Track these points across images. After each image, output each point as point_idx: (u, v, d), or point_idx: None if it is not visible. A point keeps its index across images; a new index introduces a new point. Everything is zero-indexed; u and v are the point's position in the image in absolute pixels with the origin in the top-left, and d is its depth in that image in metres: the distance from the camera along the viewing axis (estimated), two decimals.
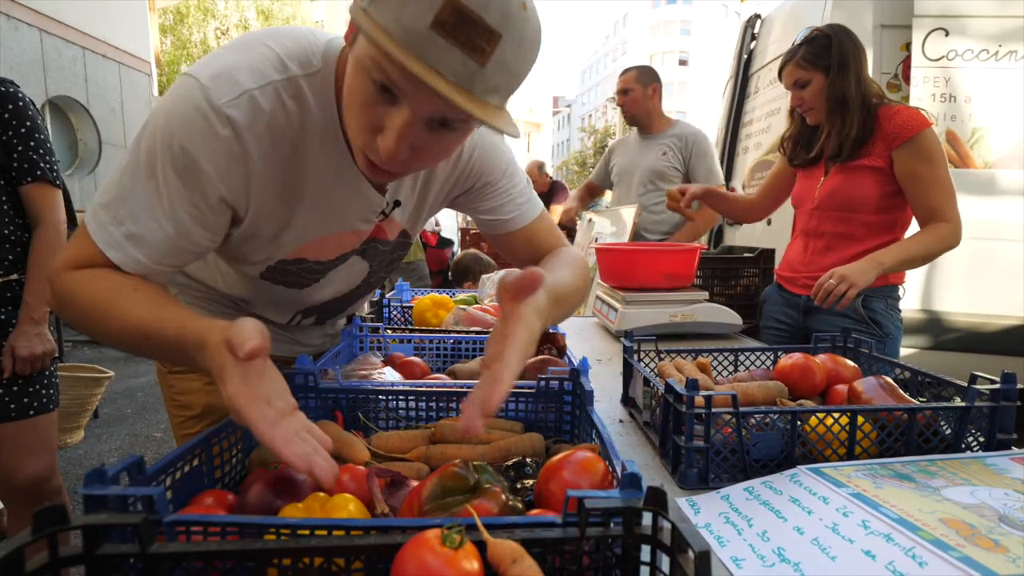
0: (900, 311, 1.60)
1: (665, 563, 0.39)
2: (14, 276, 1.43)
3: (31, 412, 1.45)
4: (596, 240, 2.38)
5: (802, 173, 1.70)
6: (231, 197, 0.68)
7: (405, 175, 0.73)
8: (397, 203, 0.86)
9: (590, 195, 2.93)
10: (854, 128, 1.49)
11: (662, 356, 1.11)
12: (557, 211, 4.21)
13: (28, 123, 1.43)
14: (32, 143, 1.43)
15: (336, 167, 0.74)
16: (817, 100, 1.54)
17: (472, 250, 3.00)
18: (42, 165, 1.45)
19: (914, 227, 1.56)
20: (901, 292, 1.60)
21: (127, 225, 0.65)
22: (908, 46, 2.56)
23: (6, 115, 1.40)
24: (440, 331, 1.30)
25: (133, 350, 0.67)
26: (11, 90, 1.43)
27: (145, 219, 0.65)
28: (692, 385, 0.71)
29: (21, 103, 1.43)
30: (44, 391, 1.48)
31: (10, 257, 1.43)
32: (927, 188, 1.45)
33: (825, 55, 1.51)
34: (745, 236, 3.19)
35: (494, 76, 0.56)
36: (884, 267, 1.41)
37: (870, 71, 2.58)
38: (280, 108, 0.67)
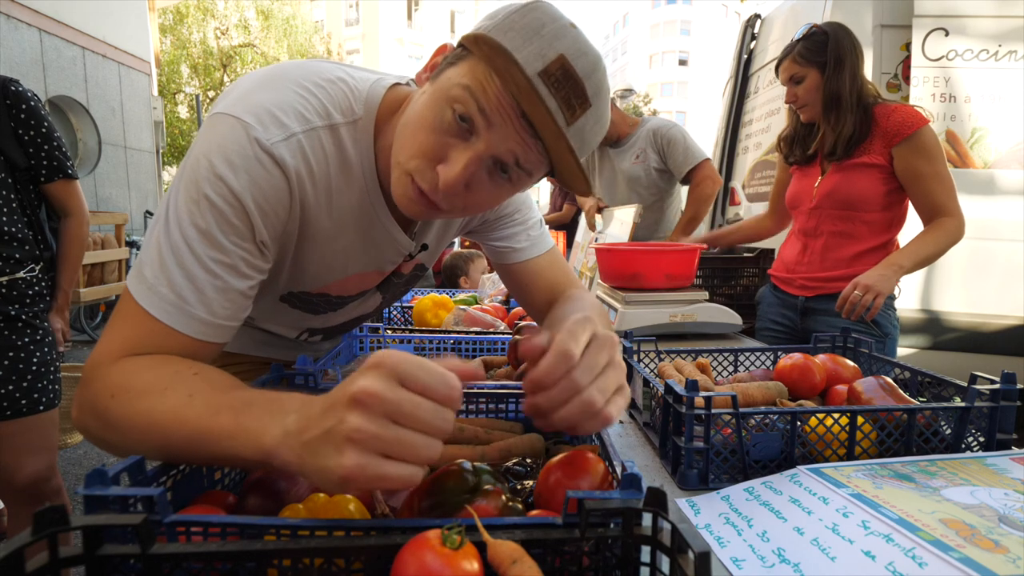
0: (896, 311, 1.60)
1: (665, 564, 0.39)
2: (20, 274, 1.44)
3: (40, 408, 1.46)
4: (596, 240, 2.38)
5: (799, 173, 1.70)
6: (270, 240, 0.65)
7: (440, 216, 0.70)
8: (424, 247, 0.87)
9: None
10: (848, 126, 1.49)
11: (662, 356, 1.11)
12: (571, 210, 4.21)
13: (45, 122, 1.48)
14: (54, 142, 1.50)
15: (369, 213, 0.74)
16: (811, 96, 1.54)
17: (453, 250, 2.98)
18: (67, 163, 1.54)
19: (908, 226, 1.57)
20: (897, 292, 1.60)
21: (179, 282, 0.58)
22: (908, 46, 2.56)
23: (22, 116, 1.44)
24: (440, 331, 1.30)
25: (196, 449, 0.50)
26: (20, 89, 1.46)
27: (198, 272, 0.59)
28: (692, 386, 0.71)
29: (33, 102, 1.48)
30: (51, 387, 1.50)
31: (16, 255, 1.44)
32: (929, 184, 1.46)
33: (821, 51, 1.51)
34: None
35: (572, 135, 0.60)
36: (904, 270, 1.42)
37: (870, 71, 2.59)
38: (321, 153, 0.66)
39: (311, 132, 0.64)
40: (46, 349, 1.49)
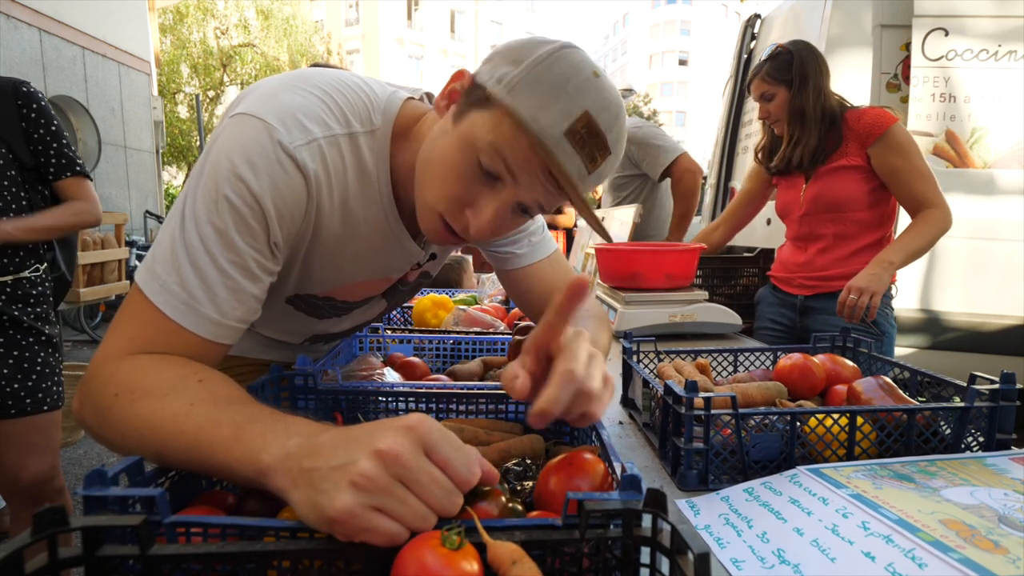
0: (893, 309, 1.62)
1: (665, 565, 0.39)
2: (25, 274, 1.44)
3: (44, 408, 1.46)
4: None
5: (783, 183, 1.76)
6: (282, 242, 0.64)
7: (464, 244, 0.73)
8: (433, 255, 0.88)
9: None
10: (813, 138, 1.57)
11: (661, 357, 1.11)
12: (571, 214, 4.23)
13: (55, 122, 1.49)
14: (64, 140, 1.50)
15: (382, 222, 0.74)
16: (781, 112, 1.63)
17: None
18: (78, 160, 1.52)
19: (902, 220, 1.60)
20: (894, 291, 1.63)
21: (191, 280, 0.58)
22: (908, 46, 2.56)
23: (32, 115, 1.44)
24: (440, 332, 1.30)
25: (192, 457, 0.49)
26: (32, 90, 1.47)
27: (211, 271, 0.58)
28: (691, 387, 0.71)
29: (43, 103, 1.48)
30: (55, 388, 1.50)
31: (21, 253, 1.45)
32: (908, 179, 1.51)
33: (787, 70, 1.60)
34: (745, 236, 3.19)
35: (591, 182, 0.64)
36: (895, 265, 1.46)
37: (869, 71, 2.60)
38: (339, 160, 0.67)
39: (331, 138, 0.65)
40: (50, 350, 1.50)
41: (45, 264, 1.51)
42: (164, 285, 0.58)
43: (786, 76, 1.60)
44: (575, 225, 4.21)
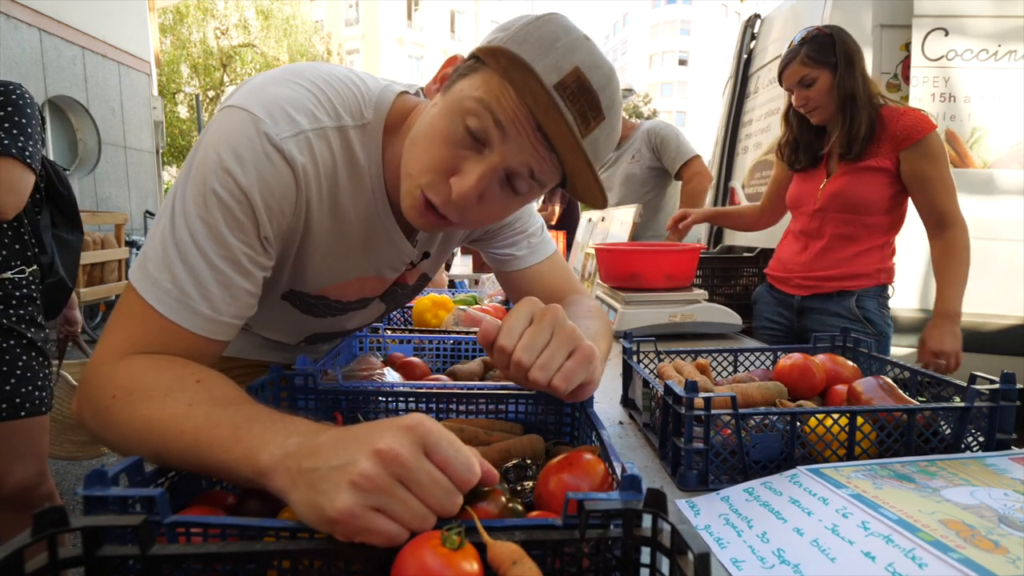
0: (890, 309, 1.61)
1: (665, 565, 0.39)
2: (7, 275, 1.40)
3: (23, 413, 1.41)
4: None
5: (801, 176, 1.70)
6: (273, 236, 0.64)
7: (449, 228, 0.69)
8: (426, 254, 0.86)
9: None
10: (863, 125, 1.48)
11: (661, 357, 1.11)
12: (553, 208, 4.23)
13: (22, 112, 1.38)
14: (19, 125, 1.36)
15: (373, 217, 0.73)
16: (824, 98, 1.53)
17: None
18: (16, 144, 1.35)
19: (904, 229, 1.59)
20: (891, 291, 1.61)
21: (182, 277, 0.57)
22: (908, 46, 2.56)
23: (9, 107, 1.35)
24: (440, 332, 1.30)
25: (192, 458, 0.49)
26: (19, 90, 1.40)
27: (201, 267, 0.58)
28: (691, 387, 0.71)
29: (22, 100, 1.40)
30: (37, 393, 1.45)
31: (4, 252, 1.40)
32: (935, 190, 1.47)
33: (829, 52, 1.51)
34: (745, 236, 3.19)
35: (587, 148, 0.60)
36: (959, 315, 1.46)
37: (869, 71, 2.60)
38: (328, 153, 0.65)
39: (320, 131, 0.64)
40: (33, 354, 1.45)
41: (34, 267, 1.46)
42: (156, 283, 0.57)
43: (829, 58, 1.49)
44: (557, 218, 4.22)
